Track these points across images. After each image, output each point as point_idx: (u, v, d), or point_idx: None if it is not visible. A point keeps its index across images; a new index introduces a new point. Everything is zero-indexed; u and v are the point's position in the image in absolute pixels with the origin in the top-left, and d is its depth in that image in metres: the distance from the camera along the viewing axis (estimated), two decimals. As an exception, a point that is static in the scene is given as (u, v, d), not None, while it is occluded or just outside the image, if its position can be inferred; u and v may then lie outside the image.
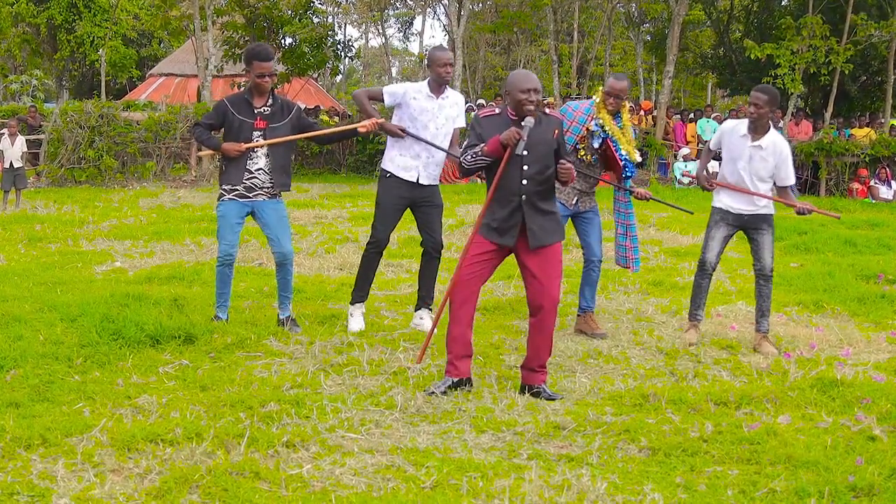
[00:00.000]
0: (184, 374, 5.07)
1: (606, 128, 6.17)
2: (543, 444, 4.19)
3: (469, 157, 4.91)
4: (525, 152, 4.78)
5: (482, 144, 4.85)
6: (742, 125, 6.00)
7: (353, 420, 4.40)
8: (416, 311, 6.45)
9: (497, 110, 4.97)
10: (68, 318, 5.96)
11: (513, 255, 5.01)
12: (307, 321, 6.33)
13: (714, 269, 6.19)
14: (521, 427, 4.37)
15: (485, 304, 7.13)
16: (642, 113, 22.65)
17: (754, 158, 5.90)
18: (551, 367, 5.40)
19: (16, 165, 13.59)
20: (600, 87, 6.41)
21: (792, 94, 19.59)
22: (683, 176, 18.18)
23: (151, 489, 3.56)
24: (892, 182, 17.08)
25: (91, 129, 17.15)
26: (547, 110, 5.04)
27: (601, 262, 6.41)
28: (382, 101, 6.19)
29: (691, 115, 21.43)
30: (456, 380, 4.92)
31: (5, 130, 14.22)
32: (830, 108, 20.13)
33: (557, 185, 5.06)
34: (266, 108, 5.95)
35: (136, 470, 3.74)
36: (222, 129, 6.02)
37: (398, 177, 6.13)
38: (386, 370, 5.25)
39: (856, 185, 17.33)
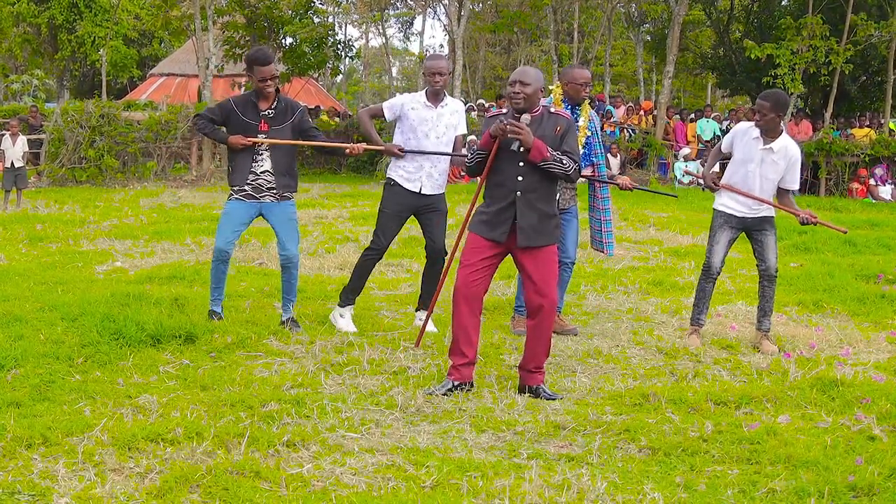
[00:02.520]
0: (184, 374, 5.07)
1: None
2: (543, 443, 4.20)
3: (470, 155, 4.94)
4: (521, 149, 4.76)
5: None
6: (755, 129, 6.02)
7: (353, 419, 4.41)
8: (416, 311, 6.47)
9: (504, 110, 4.97)
10: (69, 317, 5.97)
11: (510, 256, 5.02)
12: (307, 321, 6.34)
13: (719, 274, 6.18)
14: (522, 427, 4.38)
15: (485, 304, 7.12)
16: (642, 113, 22.66)
17: (766, 161, 5.92)
18: (551, 366, 5.41)
19: (17, 165, 13.60)
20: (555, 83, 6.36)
21: (792, 94, 19.60)
22: (684, 175, 18.20)
23: (152, 488, 3.57)
24: (888, 181, 17.10)
25: (92, 129, 17.16)
26: (553, 108, 4.99)
27: (574, 264, 6.42)
28: (384, 117, 6.25)
29: (691, 116, 21.45)
30: (457, 383, 4.93)
31: (7, 130, 14.23)
32: (830, 109, 20.14)
33: None
34: (270, 111, 5.94)
35: (137, 469, 3.74)
36: (223, 127, 6.04)
37: (402, 186, 6.15)
38: (386, 370, 5.26)
39: (855, 185, 17.34)
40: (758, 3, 25.25)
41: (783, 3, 25.11)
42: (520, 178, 4.81)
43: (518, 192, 4.81)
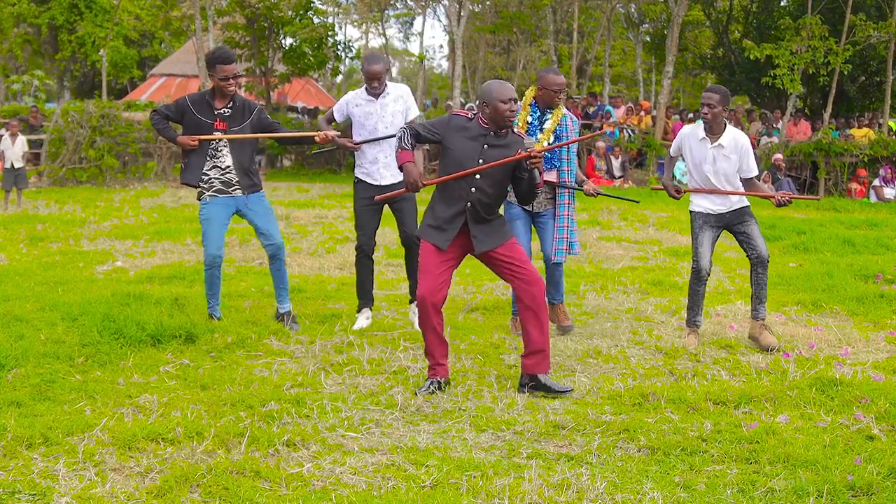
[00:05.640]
0: (184, 374, 5.08)
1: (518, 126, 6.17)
2: (543, 443, 4.21)
3: (402, 140, 4.86)
4: (481, 161, 4.80)
5: (412, 145, 4.84)
6: (699, 129, 6.04)
7: (353, 419, 4.42)
8: (410, 303, 6.53)
9: (470, 115, 4.94)
10: (70, 317, 5.98)
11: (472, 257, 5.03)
12: (307, 321, 6.35)
13: (709, 275, 6.20)
14: (521, 426, 4.39)
15: (485, 303, 7.15)
16: (642, 113, 22.67)
17: (718, 159, 5.95)
18: (551, 366, 5.41)
19: (17, 166, 13.61)
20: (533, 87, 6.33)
21: (791, 94, 19.61)
22: (683, 175, 18.17)
23: (152, 488, 3.58)
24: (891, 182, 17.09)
25: (92, 129, 17.18)
26: (515, 129, 5.02)
27: (559, 263, 6.40)
28: (335, 120, 6.40)
29: (690, 115, 21.45)
30: (441, 380, 4.95)
31: (6, 131, 14.24)
32: (829, 109, 20.14)
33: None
34: (227, 110, 5.97)
35: (137, 469, 3.75)
36: (180, 125, 6.05)
37: (366, 182, 6.32)
38: (386, 369, 5.28)
39: (854, 185, 17.33)
40: (757, 3, 25.27)
41: (782, 3, 25.12)
42: (473, 190, 4.84)
43: (469, 203, 4.84)
